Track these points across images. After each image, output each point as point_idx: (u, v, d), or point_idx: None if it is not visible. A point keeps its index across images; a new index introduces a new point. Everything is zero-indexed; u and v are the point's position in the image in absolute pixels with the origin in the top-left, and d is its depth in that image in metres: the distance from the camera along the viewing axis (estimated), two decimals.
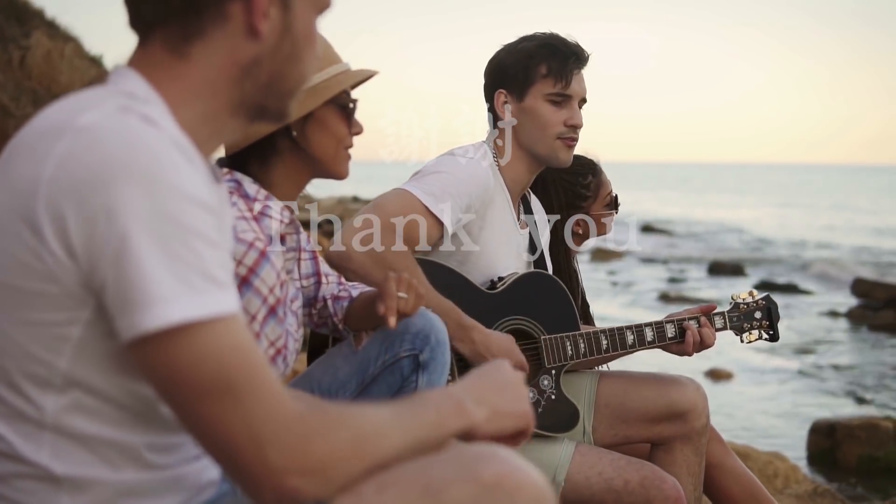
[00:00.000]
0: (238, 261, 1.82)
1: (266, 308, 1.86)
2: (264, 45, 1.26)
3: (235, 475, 1.15)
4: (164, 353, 1.10)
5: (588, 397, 2.78)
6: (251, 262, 1.83)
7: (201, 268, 1.12)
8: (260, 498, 1.15)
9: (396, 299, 1.93)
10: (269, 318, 1.87)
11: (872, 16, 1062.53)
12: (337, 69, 1.99)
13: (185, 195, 1.12)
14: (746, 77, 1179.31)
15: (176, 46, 1.24)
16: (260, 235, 1.88)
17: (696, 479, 2.71)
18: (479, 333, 2.40)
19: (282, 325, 1.91)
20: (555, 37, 2.65)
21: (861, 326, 13.41)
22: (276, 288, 1.89)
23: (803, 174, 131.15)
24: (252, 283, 1.83)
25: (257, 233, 1.88)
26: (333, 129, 1.98)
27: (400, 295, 1.94)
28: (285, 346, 1.95)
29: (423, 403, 1.28)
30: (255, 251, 1.84)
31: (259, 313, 1.85)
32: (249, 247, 1.84)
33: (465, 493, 1.15)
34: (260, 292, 1.85)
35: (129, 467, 1.22)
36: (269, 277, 1.86)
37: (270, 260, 1.87)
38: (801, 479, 5.36)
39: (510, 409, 1.33)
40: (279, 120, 1.37)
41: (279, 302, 1.90)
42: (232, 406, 1.12)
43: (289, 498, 1.14)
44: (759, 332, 2.94)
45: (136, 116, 1.15)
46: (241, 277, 1.82)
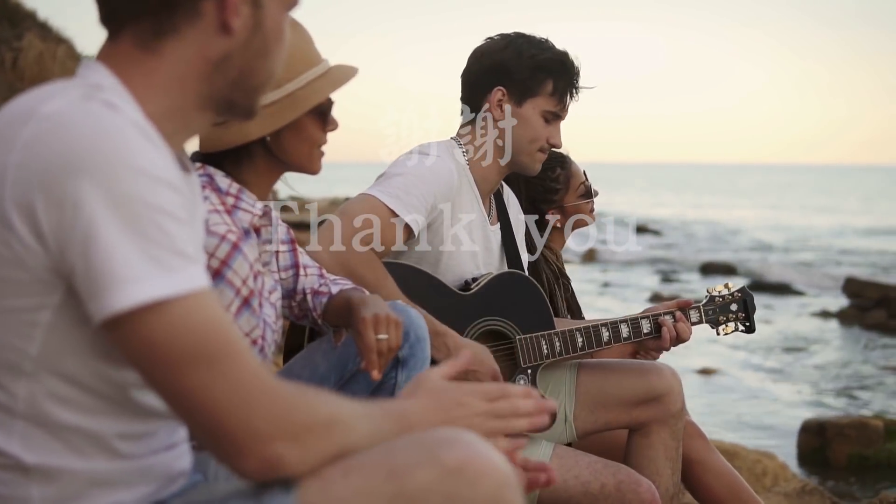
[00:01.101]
0: (210, 253, 1.83)
1: (240, 300, 1.87)
2: (235, 41, 1.28)
3: (220, 444, 1.16)
4: (141, 331, 1.12)
5: (568, 385, 2.80)
6: (223, 255, 1.85)
7: (170, 245, 1.13)
8: (243, 466, 1.16)
9: (375, 349, 1.90)
10: (242, 309, 1.88)
11: (872, 16, 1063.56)
12: (314, 73, 1.98)
13: (148, 175, 1.14)
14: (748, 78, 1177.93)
15: (146, 42, 1.25)
16: (232, 228, 1.89)
17: (674, 464, 2.73)
18: (453, 339, 2.41)
19: (256, 316, 1.92)
20: (565, 54, 2.65)
21: (852, 326, 13.45)
22: (250, 279, 1.90)
23: (803, 175, 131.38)
24: (225, 275, 1.84)
25: (230, 225, 1.89)
26: (308, 134, 2.00)
27: (380, 337, 1.91)
28: (263, 337, 1.96)
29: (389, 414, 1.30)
30: (227, 244, 1.85)
31: (232, 305, 1.86)
32: (221, 239, 1.85)
33: (428, 477, 1.17)
34: (233, 284, 1.86)
35: (99, 456, 1.23)
36: (241, 269, 1.87)
37: (243, 252, 1.88)
38: (789, 478, 5.38)
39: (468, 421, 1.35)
40: (247, 116, 1.38)
41: (252, 293, 1.91)
42: (216, 373, 1.14)
43: (270, 466, 1.16)
44: (736, 325, 2.95)
45: (99, 102, 1.17)
46: (214, 270, 1.83)
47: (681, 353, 10.82)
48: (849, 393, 9.30)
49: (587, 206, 3.13)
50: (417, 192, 2.45)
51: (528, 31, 2.69)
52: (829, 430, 6.80)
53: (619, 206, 42.15)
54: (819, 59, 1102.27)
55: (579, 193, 3.11)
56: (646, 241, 27.55)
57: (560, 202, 3.09)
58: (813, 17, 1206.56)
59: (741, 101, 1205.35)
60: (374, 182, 2.52)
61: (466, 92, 2.70)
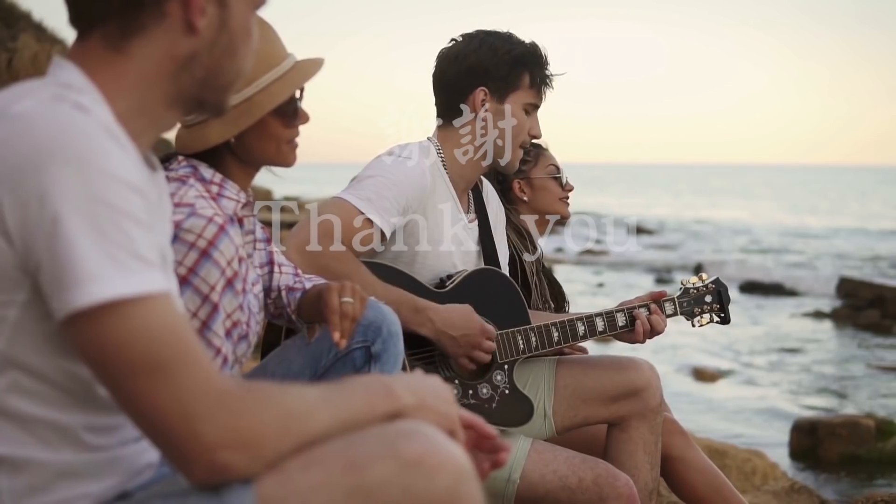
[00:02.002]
0: (198, 234, 1.85)
1: (224, 279, 1.89)
2: (201, 41, 1.30)
3: (167, 450, 1.17)
4: (96, 331, 1.13)
5: (547, 381, 2.81)
6: (210, 235, 1.86)
7: (131, 248, 1.15)
8: (191, 473, 1.17)
9: (339, 311, 1.94)
10: (226, 289, 1.90)
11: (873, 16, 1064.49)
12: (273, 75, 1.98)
13: (114, 177, 1.15)
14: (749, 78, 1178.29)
15: (114, 42, 1.27)
16: (219, 211, 1.91)
17: (653, 458, 2.75)
18: (435, 312, 2.44)
19: (238, 298, 1.94)
20: (535, 45, 2.67)
21: (846, 326, 13.47)
22: (234, 261, 1.92)
23: (803, 175, 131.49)
24: (211, 254, 1.86)
25: (216, 209, 1.91)
26: (272, 133, 2.01)
27: (344, 299, 1.95)
28: (247, 323, 1.98)
29: (352, 386, 1.30)
30: (214, 225, 1.87)
31: (218, 284, 1.87)
32: (209, 221, 1.87)
33: (386, 470, 1.18)
34: (219, 264, 1.87)
35: (66, 448, 1.24)
36: (227, 250, 1.89)
37: (229, 234, 1.90)
38: (778, 477, 5.39)
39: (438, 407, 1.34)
40: (216, 113, 1.41)
41: (236, 275, 1.93)
42: (163, 382, 1.14)
43: (219, 473, 1.16)
44: (711, 316, 2.95)
45: (69, 104, 1.19)
46: (202, 250, 1.85)
47: (674, 352, 10.87)
48: (841, 392, 9.32)
49: (555, 187, 3.12)
50: (390, 195, 2.46)
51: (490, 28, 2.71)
52: (820, 430, 6.82)
53: (618, 206, 42.18)
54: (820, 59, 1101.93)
55: (548, 172, 3.11)
56: (643, 241, 27.59)
57: (527, 173, 3.10)
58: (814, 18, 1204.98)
59: (742, 101, 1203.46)
60: (348, 184, 2.53)
61: (442, 96, 2.70)
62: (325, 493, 1.18)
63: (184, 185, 1.91)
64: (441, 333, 2.43)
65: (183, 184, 1.91)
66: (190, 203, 1.87)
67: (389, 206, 2.46)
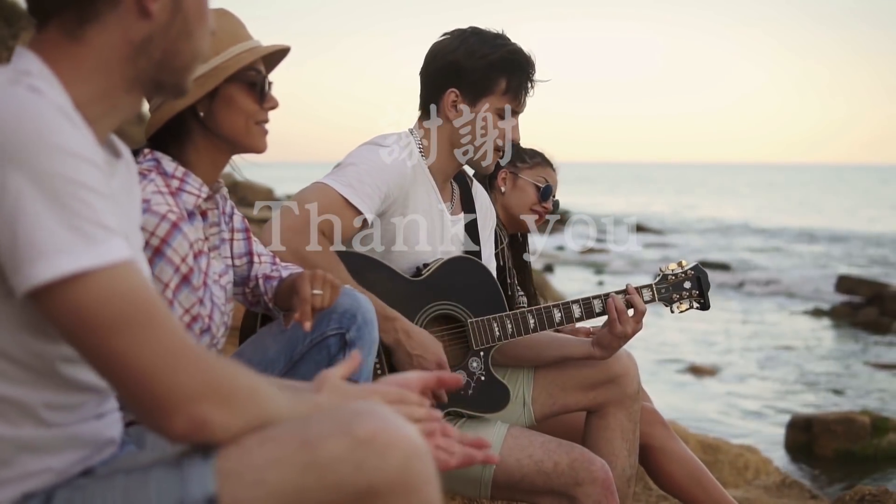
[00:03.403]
0: (151, 232, 1.88)
1: (179, 276, 1.92)
2: (156, 24, 1.32)
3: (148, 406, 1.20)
4: (68, 300, 1.16)
5: (527, 369, 2.83)
6: (163, 233, 1.89)
7: (94, 218, 1.18)
8: (171, 427, 1.20)
9: (310, 301, 1.97)
10: (181, 286, 1.93)
11: (872, 16, 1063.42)
12: (241, 48, 2.03)
13: (69, 152, 1.18)
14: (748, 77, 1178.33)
15: (71, 30, 1.30)
16: (174, 209, 1.94)
17: (631, 445, 2.76)
18: (403, 324, 2.44)
19: (197, 292, 1.96)
20: (519, 50, 2.64)
21: (844, 323, 13.49)
22: (189, 258, 1.94)
23: (802, 174, 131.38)
24: (164, 252, 1.89)
25: (171, 206, 1.93)
26: (240, 105, 2.03)
27: (314, 292, 1.98)
28: (210, 316, 2.00)
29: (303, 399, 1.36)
30: (166, 222, 1.90)
31: (171, 282, 1.90)
32: (162, 218, 1.90)
33: (339, 448, 1.21)
34: (172, 261, 1.90)
35: (26, 424, 1.27)
36: (181, 247, 1.91)
37: (182, 231, 1.92)
38: (771, 472, 5.40)
39: None
40: (177, 94, 1.43)
41: (192, 271, 1.95)
42: (142, 338, 1.18)
43: (199, 426, 1.20)
44: (690, 302, 2.93)
45: (23, 87, 1.22)
46: (154, 248, 1.88)
47: (671, 348, 10.89)
48: (838, 389, 9.34)
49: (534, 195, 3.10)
50: (371, 182, 2.47)
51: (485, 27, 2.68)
52: (816, 426, 6.85)
53: (617, 205, 42.21)
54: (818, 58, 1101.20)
55: (536, 179, 3.11)
56: (643, 239, 27.60)
57: (519, 169, 3.10)
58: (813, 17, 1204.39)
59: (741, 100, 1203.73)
60: (329, 171, 2.55)
61: (422, 90, 2.71)
62: (280, 468, 1.21)
63: (143, 179, 1.93)
64: (399, 345, 2.44)
65: (143, 178, 1.94)
66: (146, 199, 1.90)
67: (371, 193, 2.47)
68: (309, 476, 1.21)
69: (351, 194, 2.44)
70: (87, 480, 1.29)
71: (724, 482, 5.15)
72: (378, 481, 1.22)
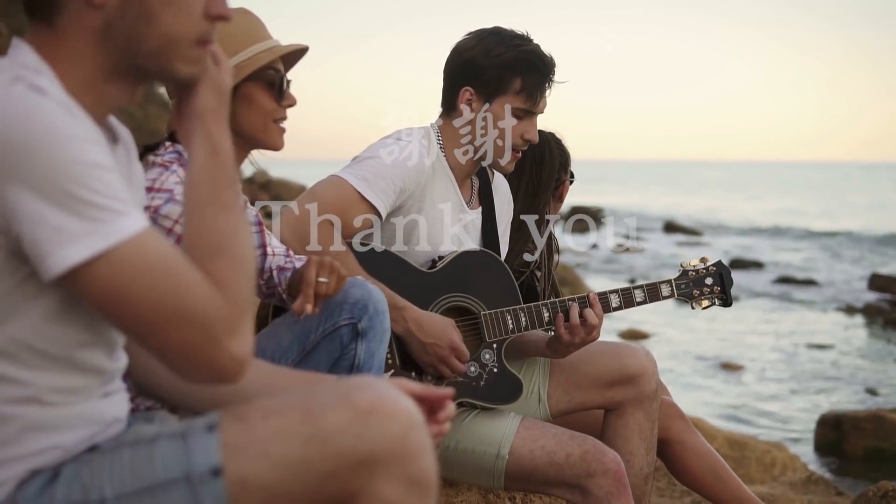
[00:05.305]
0: (175, 220, 1.92)
1: None
2: (108, 11, 1.33)
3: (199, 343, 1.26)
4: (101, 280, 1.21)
5: (542, 365, 2.83)
6: None
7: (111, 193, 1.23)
8: (229, 349, 1.28)
9: (313, 286, 2.01)
10: None
11: (872, 13, 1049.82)
12: (260, 47, 2.07)
13: (75, 138, 1.22)
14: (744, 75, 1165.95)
15: (49, 19, 1.34)
16: None
17: (648, 444, 2.75)
18: (412, 313, 2.47)
19: None
20: (534, 51, 2.64)
21: (877, 321, 13.36)
22: None
23: (803, 172, 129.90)
24: None
25: None
26: (259, 104, 2.08)
27: (320, 279, 2.02)
28: None
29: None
30: None
31: None
32: None
33: (341, 418, 1.28)
34: None
35: (31, 405, 1.31)
36: None
37: None
38: (798, 468, 5.39)
39: None
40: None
41: None
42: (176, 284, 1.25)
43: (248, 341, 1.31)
44: (711, 299, 2.90)
45: (25, 86, 1.25)
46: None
47: (701, 344, 10.85)
48: (870, 387, 9.28)
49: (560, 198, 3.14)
50: (387, 175, 2.50)
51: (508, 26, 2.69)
52: (845, 424, 6.80)
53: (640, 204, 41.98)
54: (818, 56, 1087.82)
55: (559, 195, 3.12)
56: (674, 238, 27.48)
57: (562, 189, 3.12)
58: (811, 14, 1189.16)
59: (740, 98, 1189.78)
60: (347, 164, 2.58)
61: (444, 87, 2.73)
62: (284, 440, 1.27)
63: (166, 170, 1.98)
64: (411, 334, 2.47)
65: (165, 169, 1.98)
66: (169, 189, 1.94)
67: (386, 187, 2.49)
68: (312, 447, 1.27)
69: (366, 188, 2.47)
70: (93, 455, 1.34)
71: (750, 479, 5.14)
72: (378, 450, 1.28)
